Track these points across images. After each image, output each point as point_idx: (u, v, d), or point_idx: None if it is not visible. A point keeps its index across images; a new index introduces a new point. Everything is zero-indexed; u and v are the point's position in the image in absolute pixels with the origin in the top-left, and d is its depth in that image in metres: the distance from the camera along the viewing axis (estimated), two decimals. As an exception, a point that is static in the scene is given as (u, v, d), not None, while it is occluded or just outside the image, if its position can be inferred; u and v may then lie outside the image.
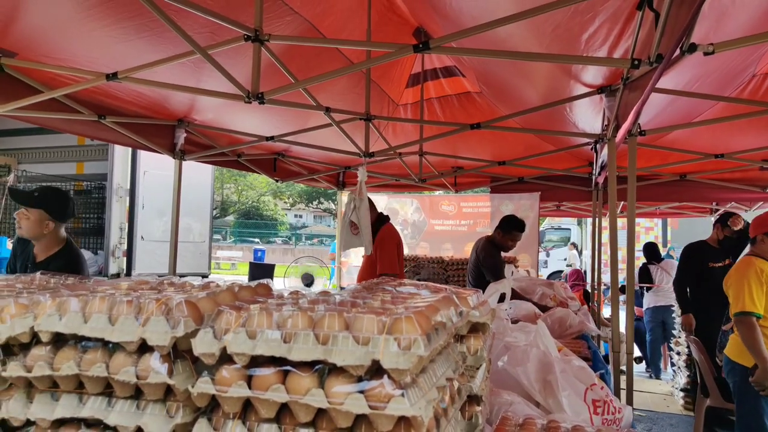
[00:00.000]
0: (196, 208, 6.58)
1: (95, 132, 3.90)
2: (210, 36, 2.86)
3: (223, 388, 0.85)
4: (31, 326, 1.01)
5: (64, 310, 1.00)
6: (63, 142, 6.59)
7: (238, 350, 0.86)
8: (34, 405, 0.99)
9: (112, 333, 0.94)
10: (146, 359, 0.93)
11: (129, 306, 0.97)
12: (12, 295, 1.21)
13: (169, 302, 0.96)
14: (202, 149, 4.60)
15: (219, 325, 0.89)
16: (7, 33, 2.78)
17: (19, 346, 1.06)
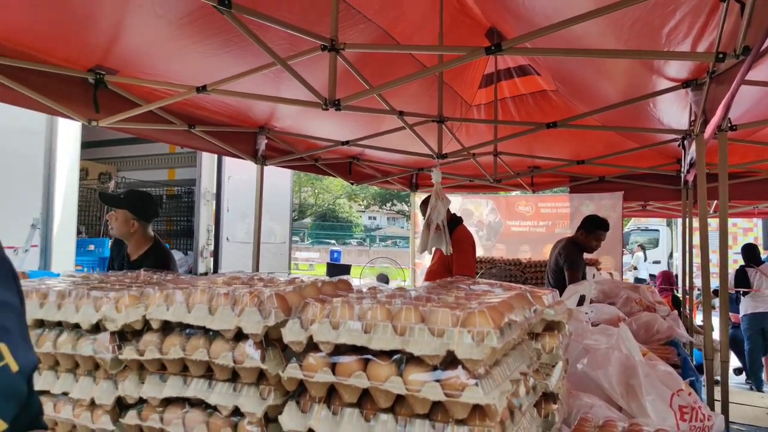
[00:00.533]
0: (277, 211, 6.87)
1: (185, 140, 4.19)
2: (289, 47, 3.01)
3: (310, 374, 0.93)
4: (143, 315, 1.14)
5: (170, 301, 1.12)
6: (156, 151, 7.11)
7: (323, 339, 0.93)
8: (146, 385, 1.12)
9: (212, 321, 1.05)
10: (242, 346, 1.03)
11: (226, 298, 1.07)
12: (124, 288, 1.36)
13: (260, 295, 1.05)
14: (282, 154, 4.82)
15: (305, 316, 0.98)
16: (110, 53, 3.06)
17: (132, 332, 1.20)
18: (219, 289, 1.13)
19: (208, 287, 1.16)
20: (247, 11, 2.32)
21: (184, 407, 1.09)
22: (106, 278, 1.62)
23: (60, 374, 1.26)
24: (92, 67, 3.13)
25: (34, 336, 1.29)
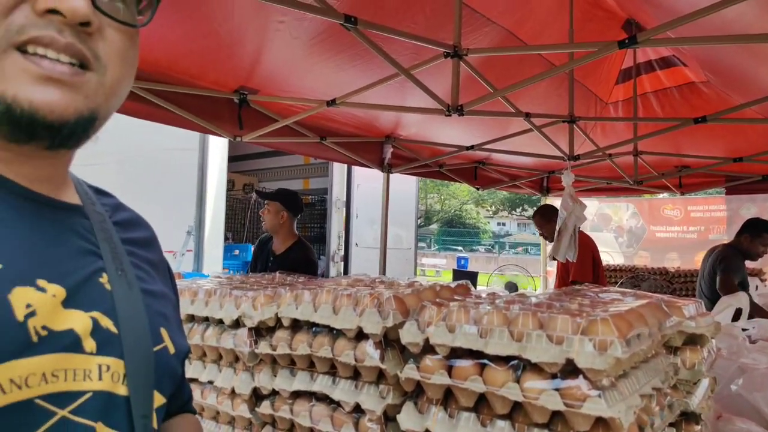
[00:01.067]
0: (403, 217, 7.02)
1: (317, 152, 4.44)
2: (413, 57, 3.07)
3: (427, 375, 0.94)
4: (275, 313, 1.24)
5: (299, 301, 1.20)
6: (292, 162, 7.63)
7: (439, 341, 0.94)
8: (278, 378, 1.21)
9: (336, 321, 1.11)
10: (362, 345, 1.07)
11: (348, 299, 1.13)
12: (261, 288, 1.49)
13: (380, 297, 1.09)
14: (407, 162, 4.91)
15: (422, 318, 0.99)
16: (253, 74, 3.35)
17: (267, 329, 1.30)
18: (343, 290, 1.19)
19: (333, 288, 1.22)
20: (371, 26, 2.41)
21: (311, 401, 1.16)
22: (247, 279, 1.78)
23: (206, 364, 1.40)
24: (237, 88, 3.45)
25: (186, 329, 1.45)
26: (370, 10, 2.59)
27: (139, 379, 0.59)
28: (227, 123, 3.62)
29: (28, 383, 0.50)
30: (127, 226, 0.72)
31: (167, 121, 3.38)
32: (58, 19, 0.51)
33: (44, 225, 0.58)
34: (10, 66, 0.50)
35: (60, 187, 0.63)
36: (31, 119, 0.51)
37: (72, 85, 0.53)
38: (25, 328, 0.50)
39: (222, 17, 2.68)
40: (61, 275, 0.56)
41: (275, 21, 2.77)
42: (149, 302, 0.66)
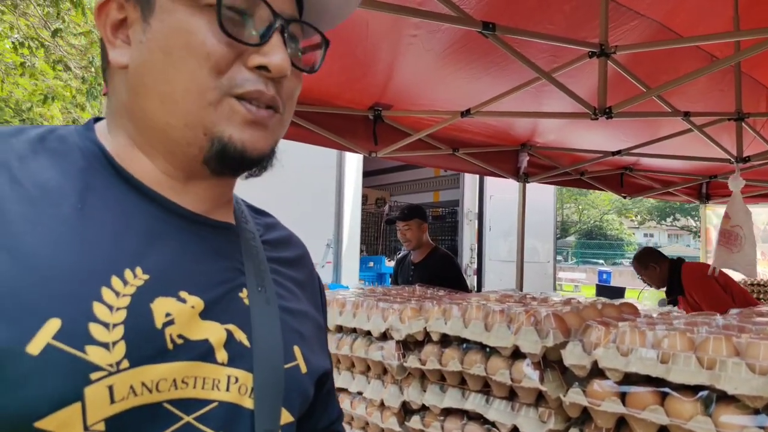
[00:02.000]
0: (540, 229, 6.72)
1: (449, 163, 4.41)
2: (551, 59, 2.93)
3: (596, 401, 0.85)
4: (424, 327, 1.22)
5: (448, 316, 1.17)
6: (423, 175, 7.69)
7: (610, 365, 0.85)
8: (427, 393, 1.19)
9: (489, 338, 1.06)
10: (519, 365, 1.01)
11: (501, 315, 1.07)
12: (405, 301, 1.48)
13: (537, 314, 1.02)
14: (545, 170, 4.70)
15: (588, 339, 0.91)
16: (386, 90, 3.42)
17: (414, 342, 1.29)
18: (493, 306, 1.14)
19: (483, 304, 1.18)
20: (510, 31, 2.34)
21: (463, 419, 1.12)
22: (388, 291, 1.79)
23: (355, 375, 1.42)
24: (371, 105, 3.55)
25: (334, 340, 1.49)
26: (506, 14, 2.52)
27: (267, 394, 0.61)
28: (362, 139, 3.73)
29: (159, 388, 0.52)
30: (277, 245, 0.75)
31: (308, 140, 3.57)
32: (265, 74, 0.58)
33: (195, 241, 0.62)
34: (228, 110, 0.58)
35: (219, 207, 0.67)
36: (241, 156, 0.59)
37: (267, 127, 0.61)
38: (162, 336, 0.54)
39: (357, 38, 2.78)
40: (203, 288, 0.59)
41: (408, 35, 2.80)
42: (286, 319, 0.67)
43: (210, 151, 0.59)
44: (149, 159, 0.61)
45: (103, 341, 0.50)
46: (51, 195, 0.54)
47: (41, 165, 0.56)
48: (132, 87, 0.60)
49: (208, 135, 0.58)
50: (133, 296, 0.53)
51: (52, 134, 0.61)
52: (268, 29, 0.58)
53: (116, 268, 0.54)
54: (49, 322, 0.48)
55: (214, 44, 0.56)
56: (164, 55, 0.57)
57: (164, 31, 0.58)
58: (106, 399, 0.49)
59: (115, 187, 0.59)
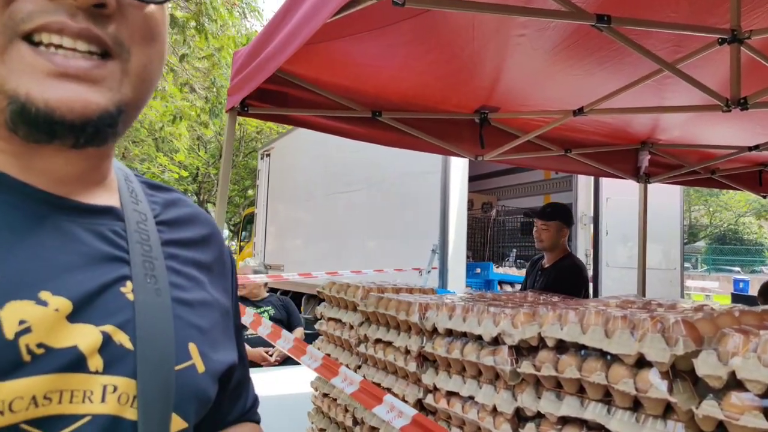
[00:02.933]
0: (664, 233, 6.24)
1: (560, 165, 4.24)
2: (675, 49, 2.72)
3: (734, 416, 0.78)
4: (538, 332, 1.19)
5: (564, 321, 1.13)
6: (532, 178, 7.44)
7: (749, 377, 0.78)
8: (542, 400, 1.15)
9: (609, 345, 1.01)
10: (644, 374, 0.95)
11: (623, 321, 1.01)
12: (516, 306, 1.45)
13: (664, 321, 0.95)
14: (669, 170, 4.36)
15: (724, 348, 0.83)
16: (493, 92, 3.38)
17: (527, 348, 1.26)
18: (614, 311, 1.08)
19: (602, 309, 1.12)
20: (627, 22, 2.21)
21: (582, 429, 1.07)
22: (498, 297, 1.76)
23: (466, 379, 1.41)
24: (478, 108, 3.52)
25: (445, 343, 1.49)
26: (623, 4, 2.38)
27: (153, 402, 0.53)
28: (468, 143, 3.71)
29: (13, 408, 0.45)
30: (174, 225, 0.66)
31: (413, 147, 3.61)
32: (68, 2, 0.46)
33: (58, 231, 0.52)
34: (19, 60, 0.46)
35: (91, 187, 0.58)
36: (48, 119, 0.47)
37: (93, 79, 0.49)
38: (15, 347, 0.46)
39: (464, 42, 2.77)
40: (69, 286, 0.51)
41: (515, 36, 2.75)
42: (181, 313, 0.59)
43: (9, 114, 0.47)
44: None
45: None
46: None
47: None
48: None
49: (2, 94, 0.47)
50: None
51: None
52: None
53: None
54: None
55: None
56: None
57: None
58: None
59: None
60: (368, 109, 3.19)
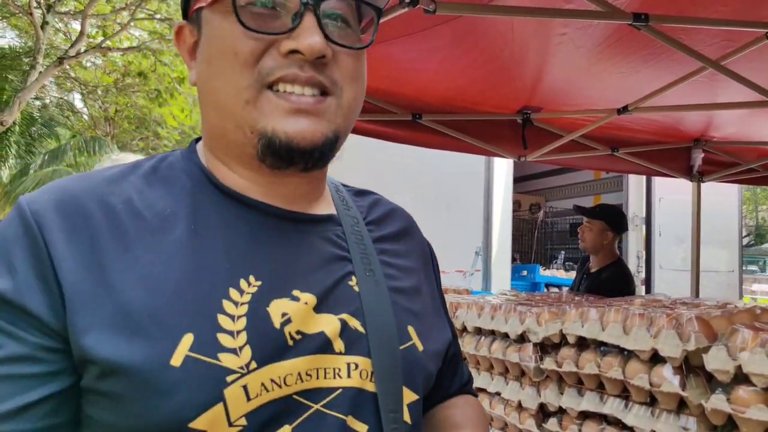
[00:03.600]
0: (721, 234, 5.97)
1: (608, 165, 4.14)
2: (725, 44, 2.63)
3: (740, 408, 0.79)
4: (560, 329, 1.21)
5: (585, 318, 1.15)
6: (581, 179, 7.28)
7: (755, 371, 0.78)
8: (564, 396, 1.17)
9: (626, 341, 1.02)
10: (659, 369, 0.96)
11: (641, 319, 1.03)
12: (546, 305, 1.47)
13: (679, 318, 0.96)
14: (724, 168, 4.19)
15: (733, 343, 0.84)
16: (535, 93, 3.35)
17: (552, 345, 1.28)
18: (634, 309, 1.09)
19: (623, 308, 1.13)
20: (666, 19, 2.17)
21: (601, 424, 1.09)
22: (532, 297, 1.77)
23: (494, 376, 1.44)
24: (520, 109, 3.50)
25: (473, 341, 1.53)
26: (666, 0, 2.33)
27: (386, 377, 0.62)
28: (511, 144, 3.69)
29: (287, 382, 0.57)
30: (380, 222, 0.76)
31: (454, 148, 3.62)
32: (299, 57, 0.58)
33: (298, 240, 0.64)
34: (267, 104, 0.59)
35: (314, 201, 0.69)
36: (288, 148, 0.59)
37: (316, 112, 0.60)
38: (282, 334, 0.57)
39: (503, 43, 2.78)
40: (312, 284, 0.62)
41: (556, 35, 2.73)
42: (397, 300, 0.68)
43: (260, 148, 0.60)
44: (228, 168, 0.65)
45: (231, 347, 0.55)
46: (168, 221, 0.60)
47: (157, 194, 0.62)
48: (199, 102, 0.65)
49: (254, 133, 0.60)
50: (250, 303, 0.57)
51: (163, 163, 0.66)
52: (296, 14, 0.58)
53: (232, 279, 0.58)
54: (184, 337, 0.53)
55: (238, 41, 0.58)
56: (207, 65, 0.61)
57: (206, 42, 0.61)
58: (243, 397, 0.54)
59: (219, 202, 0.63)
60: (408, 111, 3.23)
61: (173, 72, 11.10)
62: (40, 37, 8.99)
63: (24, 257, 0.54)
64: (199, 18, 0.63)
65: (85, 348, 0.52)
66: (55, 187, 0.60)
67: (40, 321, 0.52)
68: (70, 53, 9.56)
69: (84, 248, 0.55)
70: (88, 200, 0.58)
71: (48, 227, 0.55)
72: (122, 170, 0.64)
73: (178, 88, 11.45)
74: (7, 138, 11.37)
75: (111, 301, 0.53)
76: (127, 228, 0.58)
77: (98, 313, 0.53)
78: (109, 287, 0.54)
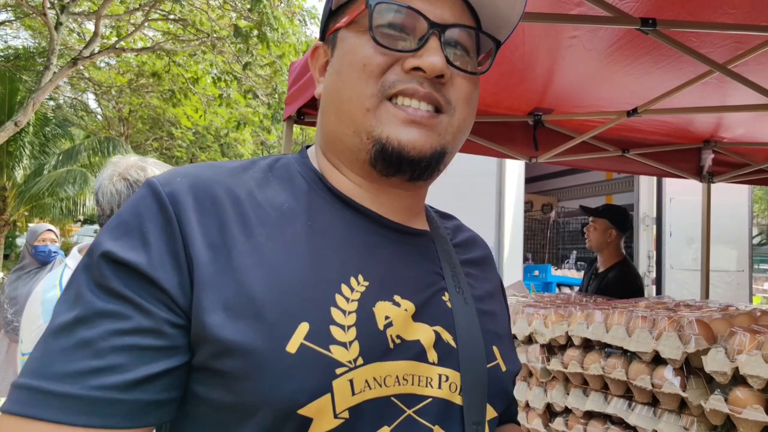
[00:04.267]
0: (731, 234, 5.95)
1: (620, 166, 4.16)
2: (734, 46, 2.64)
3: (737, 409, 0.82)
4: (566, 331, 1.24)
5: (590, 320, 1.18)
6: (593, 179, 7.27)
7: (751, 372, 0.81)
8: (570, 396, 1.21)
9: (629, 343, 1.05)
10: (660, 370, 0.99)
11: (644, 321, 1.06)
12: (553, 306, 1.50)
13: (681, 320, 0.99)
14: (734, 169, 4.19)
15: (731, 345, 0.87)
16: (546, 95, 3.38)
17: (558, 347, 1.31)
18: (637, 312, 1.12)
19: (627, 310, 1.17)
20: (674, 24, 2.19)
21: (605, 423, 1.12)
22: (541, 297, 1.81)
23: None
24: (531, 111, 3.52)
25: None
26: (675, 5, 2.35)
27: (473, 391, 0.64)
28: (522, 145, 3.72)
29: (386, 383, 0.58)
30: (465, 246, 0.80)
31: (466, 150, 3.65)
32: (420, 74, 0.63)
33: (402, 249, 0.68)
34: (385, 113, 0.63)
35: (414, 216, 0.73)
36: (399, 155, 0.63)
37: (429, 126, 0.64)
38: (384, 336, 0.60)
39: (513, 45, 2.80)
40: (412, 293, 0.64)
41: (567, 37, 2.75)
42: (484, 321, 0.71)
43: (373, 153, 0.64)
44: (341, 173, 0.69)
45: (342, 341, 0.56)
46: (287, 216, 0.63)
47: (275, 190, 0.65)
48: (322, 109, 0.70)
49: (370, 138, 0.64)
50: (359, 301, 0.60)
51: (278, 163, 0.70)
52: (423, 37, 0.63)
53: (344, 277, 0.61)
54: (301, 325, 0.55)
55: (367, 54, 0.64)
56: (337, 76, 0.66)
57: (338, 57, 0.67)
58: (348, 391, 0.55)
59: (332, 204, 0.67)
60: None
61: (187, 72, 11.22)
62: (53, 37, 9.12)
63: (158, 233, 0.56)
64: (335, 39, 0.68)
65: (207, 326, 0.54)
66: (185, 172, 0.62)
67: (168, 296, 0.54)
68: (84, 54, 9.69)
69: (213, 230, 0.58)
70: (217, 187, 0.61)
71: (182, 207, 0.58)
72: (242, 164, 0.67)
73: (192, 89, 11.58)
74: (21, 138, 11.52)
75: (234, 283, 0.56)
76: (250, 216, 0.61)
77: (222, 294, 0.55)
78: (234, 270, 0.56)
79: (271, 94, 9.79)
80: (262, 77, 10.30)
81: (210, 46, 9.73)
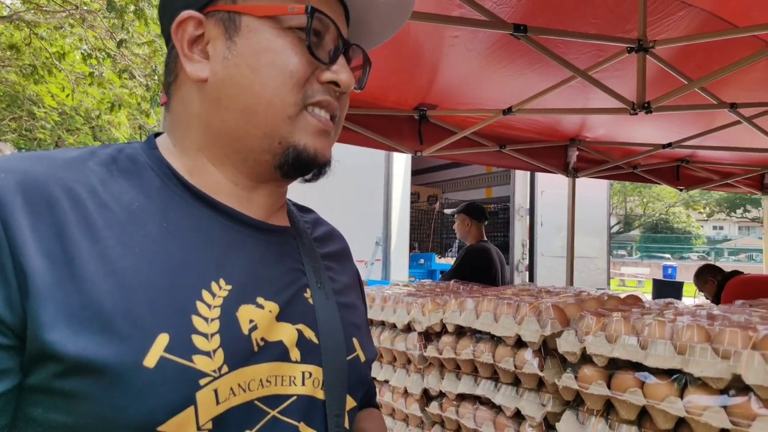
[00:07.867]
0: (592, 224, 6.60)
1: (498, 160, 4.42)
2: (595, 54, 2.91)
3: (585, 385, 0.92)
4: (441, 319, 1.31)
5: (463, 308, 1.26)
6: (474, 172, 7.69)
7: (596, 351, 0.92)
8: (444, 381, 1.28)
9: (496, 328, 1.14)
10: (522, 353, 1.08)
11: (509, 307, 1.15)
12: (433, 295, 1.58)
13: (540, 306, 1.09)
14: (595, 165, 4.63)
15: (581, 327, 0.97)
16: (430, 91, 3.49)
17: (435, 334, 1.38)
18: (505, 299, 1.21)
19: (495, 297, 1.26)
20: (542, 31, 2.36)
21: (475, 404, 1.21)
22: (422, 287, 1.89)
23: (383, 365, 1.53)
24: (417, 106, 3.63)
25: (367, 330, 1.60)
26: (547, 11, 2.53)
27: (335, 385, 0.66)
28: (408, 139, 3.82)
29: (250, 387, 0.58)
30: (324, 240, 0.80)
31: (356, 142, 3.68)
32: (333, 87, 0.66)
33: (263, 248, 0.67)
34: (303, 122, 0.65)
35: (276, 212, 0.72)
36: (313, 161, 0.66)
37: (329, 133, 0.68)
38: (249, 340, 0.59)
39: (399, 42, 2.87)
40: (275, 293, 0.64)
41: (449, 37, 2.86)
42: (344, 314, 0.72)
43: (284, 158, 0.64)
44: (218, 169, 0.66)
45: (206, 350, 0.55)
46: (137, 216, 0.58)
47: (121, 187, 0.59)
48: (213, 99, 0.64)
49: (283, 144, 0.64)
50: (222, 307, 0.58)
51: (121, 154, 0.63)
52: (336, 50, 0.66)
53: (204, 281, 0.58)
54: (159, 337, 0.52)
55: (297, 63, 0.63)
56: (251, 71, 0.62)
57: (251, 49, 0.63)
58: (213, 401, 0.54)
59: (190, 204, 0.63)
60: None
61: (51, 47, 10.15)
62: None
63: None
64: (231, 21, 0.64)
65: (49, 343, 0.48)
66: (12, 167, 0.54)
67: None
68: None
69: (49, 236, 0.51)
70: (52, 184, 0.54)
71: (9, 210, 0.50)
72: (80, 155, 0.61)
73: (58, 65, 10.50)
74: None
75: (79, 295, 0.50)
76: (94, 218, 0.55)
77: (64, 307, 0.49)
78: (78, 279, 0.51)
79: (150, 75, 9.15)
80: (140, 56, 9.61)
81: (79, 20, 8.88)
